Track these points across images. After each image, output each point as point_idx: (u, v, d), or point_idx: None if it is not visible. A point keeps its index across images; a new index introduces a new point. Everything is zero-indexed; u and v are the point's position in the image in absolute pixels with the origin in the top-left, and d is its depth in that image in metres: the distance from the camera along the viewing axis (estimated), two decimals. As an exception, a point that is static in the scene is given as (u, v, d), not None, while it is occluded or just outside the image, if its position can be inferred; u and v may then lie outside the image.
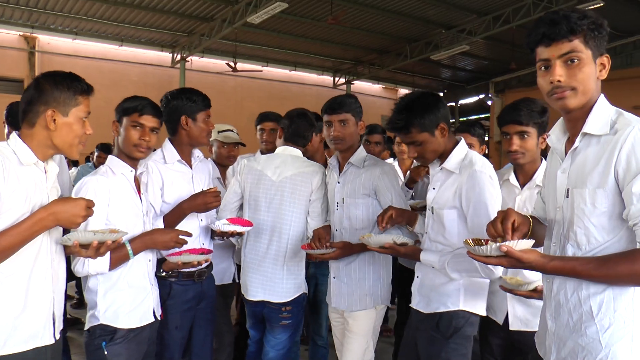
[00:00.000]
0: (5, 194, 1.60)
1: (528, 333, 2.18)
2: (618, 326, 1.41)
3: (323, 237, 2.56)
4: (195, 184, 2.59)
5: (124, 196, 2.18)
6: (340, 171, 2.69)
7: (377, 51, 15.47)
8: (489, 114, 18.13)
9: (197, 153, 2.67)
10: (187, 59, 14.27)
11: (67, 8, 11.46)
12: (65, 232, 1.84)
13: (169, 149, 2.55)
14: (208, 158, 2.92)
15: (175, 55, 14.53)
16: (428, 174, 3.04)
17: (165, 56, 14.63)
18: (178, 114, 2.51)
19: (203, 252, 2.44)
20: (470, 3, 11.80)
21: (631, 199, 1.35)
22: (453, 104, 20.23)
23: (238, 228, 2.54)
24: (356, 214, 2.59)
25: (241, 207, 2.86)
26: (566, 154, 1.56)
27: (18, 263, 1.65)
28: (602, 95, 1.51)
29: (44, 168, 1.76)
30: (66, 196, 2.06)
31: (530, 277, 2.11)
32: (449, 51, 13.80)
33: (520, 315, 2.29)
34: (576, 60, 1.44)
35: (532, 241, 1.47)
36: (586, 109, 1.49)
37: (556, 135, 1.64)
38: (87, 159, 8.22)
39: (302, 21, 12.53)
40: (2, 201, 1.59)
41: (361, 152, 2.65)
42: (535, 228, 1.66)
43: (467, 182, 2.08)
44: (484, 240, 1.59)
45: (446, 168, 2.18)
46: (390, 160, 4.42)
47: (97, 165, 5.53)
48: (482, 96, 19.27)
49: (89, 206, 1.72)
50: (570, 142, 1.57)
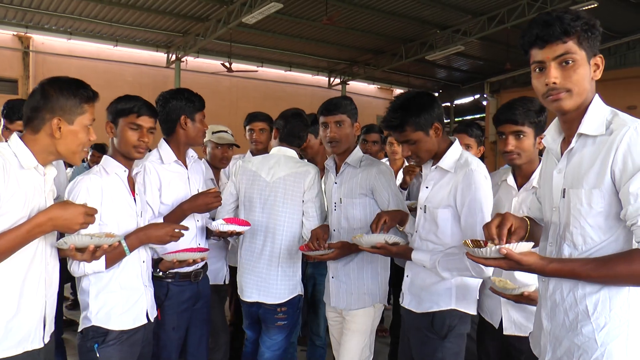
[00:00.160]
0: (4, 197, 1.58)
1: (522, 338, 2.14)
2: (614, 325, 1.42)
3: (321, 237, 2.55)
4: (191, 185, 2.59)
5: (117, 196, 2.15)
6: (337, 172, 2.69)
7: (372, 51, 15.46)
8: (484, 114, 18.18)
9: (192, 153, 2.67)
10: (182, 59, 14.18)
11: (62, 8, 11.38)
12: (60, 235, 1.83)
13: (166, 149, 2.54)
14: (202, 159, 2.91)
15: (170, 55, 14.46)
16: (421, 173, 3.03)
17: (160, 56, 14.55)
18: (177, 114, 2.51)
19: (200, 251, 2.43)
20: (465, 3, 11.81)
21: (628, 199, 1.35)
22: (448, 104, 20.24)
23: (237, 228, 2.53)
24: (354, 214, 2.59)
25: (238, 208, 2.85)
26: (562, 155, 1.56)
27: (13, 266, 1.64)
28: (597, 95, 1.51)
29: (43, 172, 1.75)
30: (63, 198, 2.05)
31: (521, 281, 2.10)
32: (444, 51, 13.81)
33: (514, 319, 2.26)
34: (571, 61, 1.44)
35: (532, 244, 1.46)
36: (581, 110, 1.49)
37: (551, 135, 1.64)
38: (82, 159, 8.17)
39: (297, 21, 12.51)
40: (1, 204, 1.58)
41: (357, 152, 2.65)
42: (532, 230, 1.67)
43: (463, 181, 2.08)
44: (483, 241, 1.58)
45: (441, 167, 2.18)
46: (384, 160, 4.42)
47: (92, 165, 5.51)
48: (478, 96, 19.27)
49: (88, 213, 1.71)
50: (565, 143, 1.58)
